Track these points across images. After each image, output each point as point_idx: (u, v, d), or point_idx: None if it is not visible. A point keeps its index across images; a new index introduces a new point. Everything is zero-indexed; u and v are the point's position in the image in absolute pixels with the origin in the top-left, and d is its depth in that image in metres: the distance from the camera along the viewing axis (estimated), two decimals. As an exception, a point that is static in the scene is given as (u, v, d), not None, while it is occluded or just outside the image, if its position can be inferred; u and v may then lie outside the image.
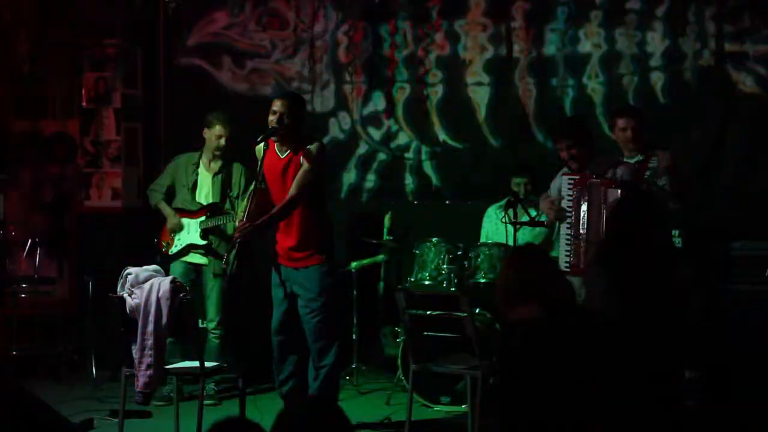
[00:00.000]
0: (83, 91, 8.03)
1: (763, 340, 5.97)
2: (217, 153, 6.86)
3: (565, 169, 5.93)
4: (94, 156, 8.05)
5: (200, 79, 8.27)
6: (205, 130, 6.86)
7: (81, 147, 8.10)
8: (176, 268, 6.81)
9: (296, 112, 5.71)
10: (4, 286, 7.93)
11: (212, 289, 6.80)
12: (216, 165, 6.90)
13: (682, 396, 6.05)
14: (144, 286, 5.33)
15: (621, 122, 6.03)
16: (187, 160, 6.97)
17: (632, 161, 5.96)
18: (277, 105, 5.70)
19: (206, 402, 6.26)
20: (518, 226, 6.26)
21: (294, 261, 5.80)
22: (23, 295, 7.74)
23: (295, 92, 6.61)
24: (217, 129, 6.81)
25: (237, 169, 6.89)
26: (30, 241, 7.86)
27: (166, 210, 6.93)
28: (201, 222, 6.80)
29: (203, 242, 6.80)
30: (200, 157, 6.93)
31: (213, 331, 6.79)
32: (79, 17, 7.98)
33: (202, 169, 6.92)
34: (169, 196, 6.99)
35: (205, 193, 6.90)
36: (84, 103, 8.05)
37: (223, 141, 6.83)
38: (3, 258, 8.07)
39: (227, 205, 6.85)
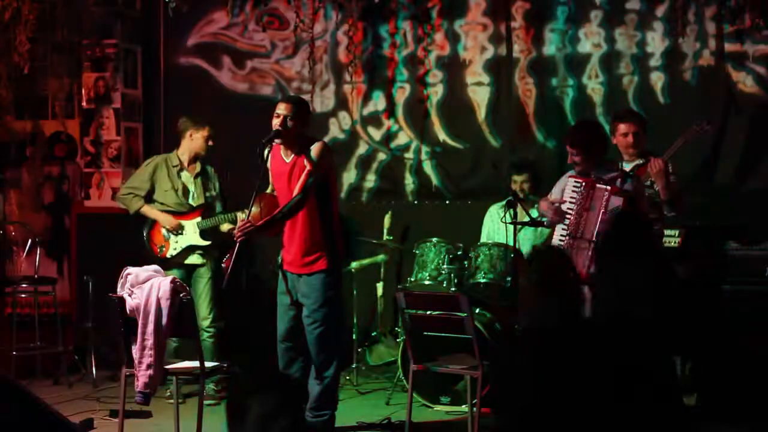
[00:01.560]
0: (83, 91, 8.03)
1: (762, 339, 5.97)
2: (202, 154, 6.89)
3: (572, 171, 5.92)
4: (94, 156, 8.05)
5: (200, 79, 8.28)
6: (191, 132, 6.87)
7: (81, 147, 8.10)
8: (173, 272, 6.76)
9: (300, 116, 5.66)
10: (4, 286, 7.94)
11: (204, 288, 6.81)
12: (196, 167, 6.94)
13: (681, 396, 6.07)
14: (144, 286, 5.33)
15: (623, 127, 6.03)
16: (166, 162, 6.96)
17: (631, 165, 5.96)
18: (281, 108, 5.65)
19: (206, 402, 6.25)
20: (519, 226, 6.24)
21: (299, 267, 5.74)
22: (23, 295, 7.74)
23: (299, 96, 6.58)
24: (207, 130, 6.87)
25: (210, 170, 6.99)
26: (30, 241, 7.86)
27: (155, 213, 6.90)
28: (198, 223, 6.81)
29: (205, 242, 6.81)
30: (179, 159, 6.94)
31: (207, 330, 6.79)
32: (79, 17, 7.98)
33: (184, 172, 6.94)
34: (148, 199, 6.99)
35: (191, 195, 6.92)
36: (84, 103, 8.05)
37: (211, 141, 6.90)
38: (3, 258, 8.08)
39: (214, 204, 6.90)
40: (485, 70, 7.80)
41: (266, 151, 5.70)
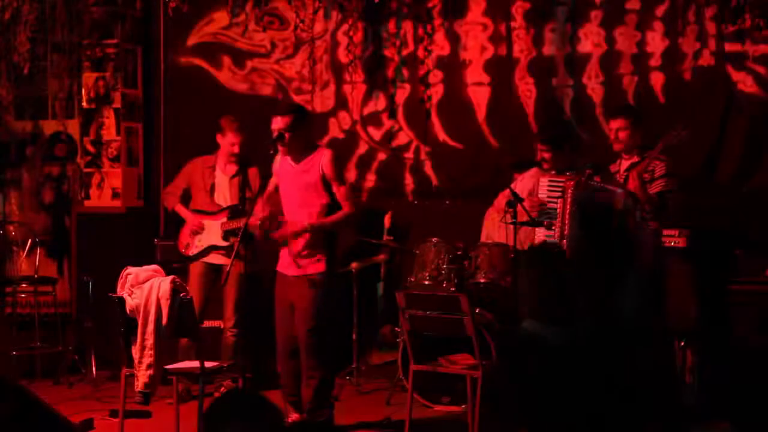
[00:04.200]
0: (83, 91, 8.03)
1: (762, 339, 5.97)
2: (232, 158, 6.91)
3: (533, 169, 5.92)
4: (94, 156, 8.05)
5: (200, 79, 8.28)
6: (219, 136, 6.92)
7: (81, 147, 8.10)
8: (196, 267, 6.91)
9: (298, 126, 5.69)
10: (4, 286, 7.94)
11: (231, 288, 6.83)
12: (232, 168, 6.96)
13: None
14: (144, 286, 5.33)
15: (613, 124, 6.08)
16: (203, 163, 7.03)
17: (628, 163, 5.97)
18: (276, 122, 5.66)
19: None
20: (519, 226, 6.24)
21: (297, 268, 5.77)
22: (23, 295, 7.74)
23: (294, 104, 6.48)
24: (230, 137, 6.87)
25: (253, 173, 6.96)
26: (30, 241, 7.86)
27: (184, 213, 7.00)
28: (222, 224, 6.84)
29: (226, 244, 6.83)
30: (216, 160, 6.97)
31: (231, 329, 6.86)
32: (79, 17, 7.97)
33: (218, 172, 6.98)
34: (184, 198, 7.05)
35: (223, 196, 6.95)
36: (84, 103, 8.05)
37: (236, 148, 6.89)
38: (3, 258, 8.07)
39: (248, 206, 6.88)
40: (485, 70, 7.80)
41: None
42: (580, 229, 5.53)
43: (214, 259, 6.92)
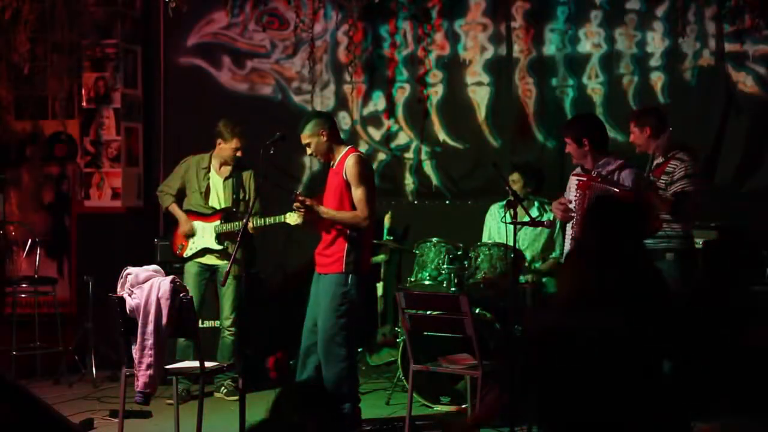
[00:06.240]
0: (83, 91, 8.02)
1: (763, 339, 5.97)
2: (232, 162, 6.90)
3: (577, 169, 5.89)
4: (94, 156, 8.04)
5: (200, 79, 8.27)
6: (221, 141, 6.87)
7: (81, 147, 8.10)
8: (191, 267, 6.91)
9: (319, 137, 5.79)
10: (4, 286, 7.93)
11: (228, 288, 6.83)
12: (227, 170, 6.96)
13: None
14: (144, 286, 5.33)
15: (631, 126, 6.00)
16: (197, 163, 7.00)
17: (654, 163, 5.88)
18: (302, 139, 5.84)
19: (229, 398, 6.78)
20: (519, 226, 6.23)
21: (320, 266, 5.88)
22: (23, 295, 7.74)
23: (310, 114, 6.21)
24: (235, 143, 6.84)
25: (246, 175, 6.94)
26: (30, 241, 7.86)
27: (179, 214, 6.99)
28: (216, 226, 6.84)
29: (219, 246, 6.82)
30: (210, 161, 6.96)
31: (228, 329, 6.87)
32: (79, 17, 7.97)
33: (212, 173, 6.96)
34: (179, 197, 7.05)
35: (217, 197, 6.94)
36: (84, 103, 8.04)
37: (240, 153, 6.88)
38: (3, 258, 8.07)
39: (241, 208, 6.87)
40: (485, 70, 7.80)
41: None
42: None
43: (209, 259, 6.92)
